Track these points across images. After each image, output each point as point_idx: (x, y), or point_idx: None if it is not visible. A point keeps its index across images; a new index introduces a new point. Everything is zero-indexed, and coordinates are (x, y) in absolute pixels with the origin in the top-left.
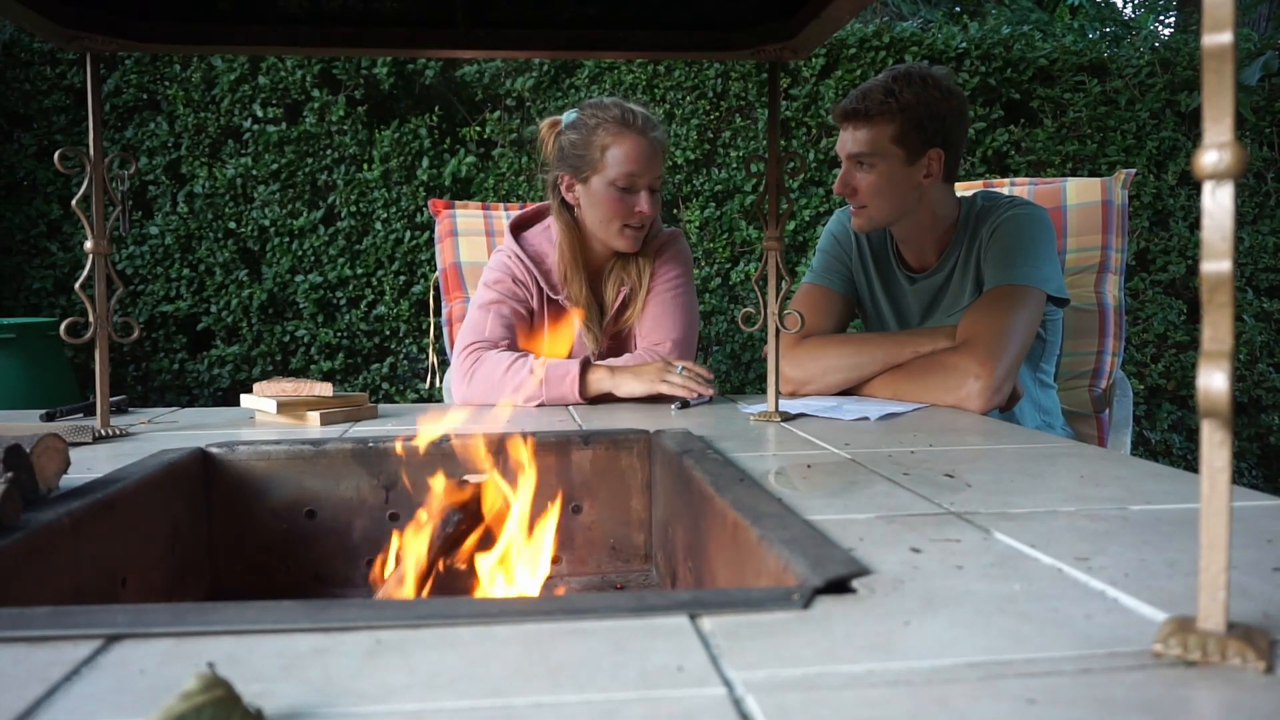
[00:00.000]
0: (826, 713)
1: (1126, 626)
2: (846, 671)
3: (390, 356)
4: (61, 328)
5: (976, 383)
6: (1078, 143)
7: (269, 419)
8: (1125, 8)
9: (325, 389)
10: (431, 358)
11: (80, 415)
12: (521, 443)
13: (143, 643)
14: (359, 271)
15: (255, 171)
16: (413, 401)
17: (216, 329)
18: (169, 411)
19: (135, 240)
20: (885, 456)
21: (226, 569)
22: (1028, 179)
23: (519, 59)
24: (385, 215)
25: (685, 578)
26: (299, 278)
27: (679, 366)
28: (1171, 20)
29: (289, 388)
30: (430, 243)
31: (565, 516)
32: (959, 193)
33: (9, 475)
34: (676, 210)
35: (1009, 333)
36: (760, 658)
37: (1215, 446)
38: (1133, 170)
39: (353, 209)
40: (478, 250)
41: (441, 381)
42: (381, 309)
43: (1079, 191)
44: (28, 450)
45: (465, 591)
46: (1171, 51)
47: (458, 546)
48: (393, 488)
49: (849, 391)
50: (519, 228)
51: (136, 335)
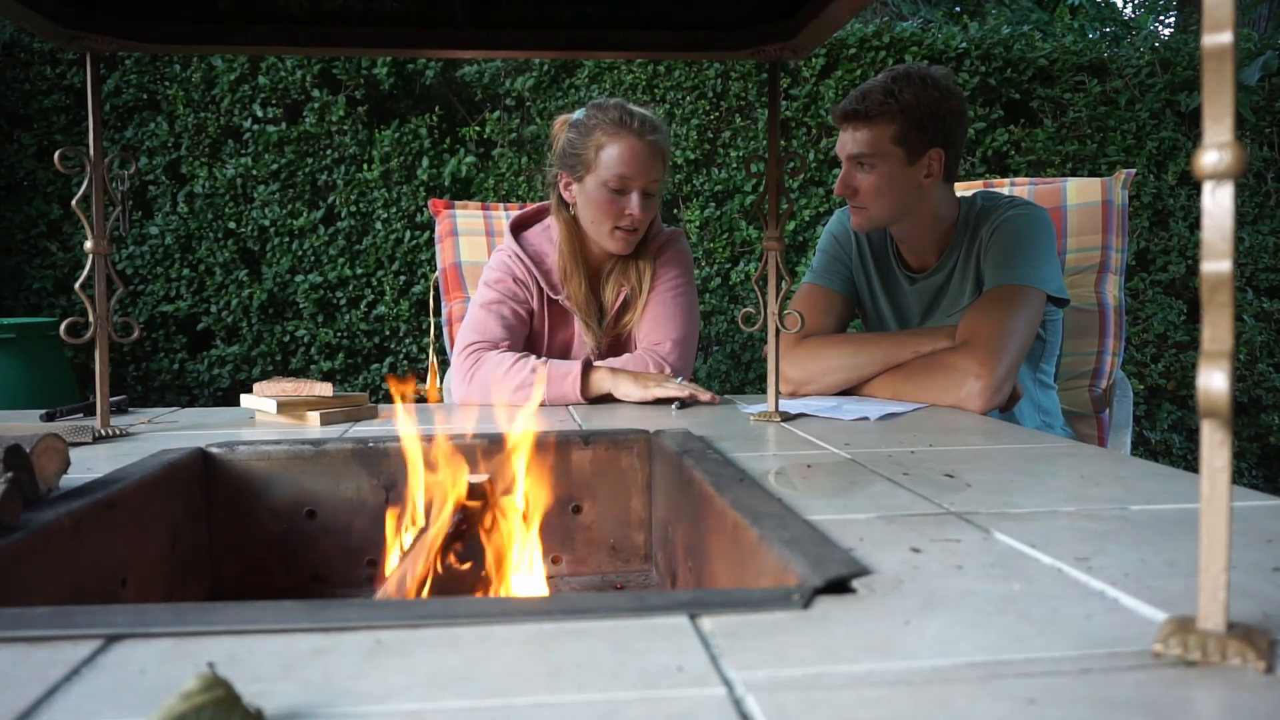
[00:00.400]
0: (826, 713)
1: (1126, 626)
2: (846, 671)
3: (390, 356)
4: (61, 328)
5: (976, 383)
6: (1078, 143)
7: (269, 419)
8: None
9: (325, 389)
10: (431, 358)
11: (80, 415)
12: (521, 442)
13: (143, 643)
14: (359, 271)
15: (255, 171)
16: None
17: (216, 329)
18: (169, 411)
19: (135, 240)
20: (885, 456)
21: (226, 569)
22: (1028, 179)
23: (519, 59)
24: (385, 215)
25: (685, 578)
26: (299, 278)
27: (679, 379)
28: (1171, 20)
29: (289, 388)
30: (430, 243)
31: (565, 516)
32: (959, 193)
33: (9, 475)
34: (676, 210)
35: (1009, 333)
36: (760, 658)
37: (1215, 446)
38: (1133, 170)
39: (353, 209)
40: (478, 250)
41: (442, 381)
42: (381, 309)
43: (1079, 191)
44: (28, 450)
45: (465, 591)
46: (1171, 51)
47: (458, 546)
48: (393, 488)
49: (849, 391)
50: (519, 228)
51: (136, 335)
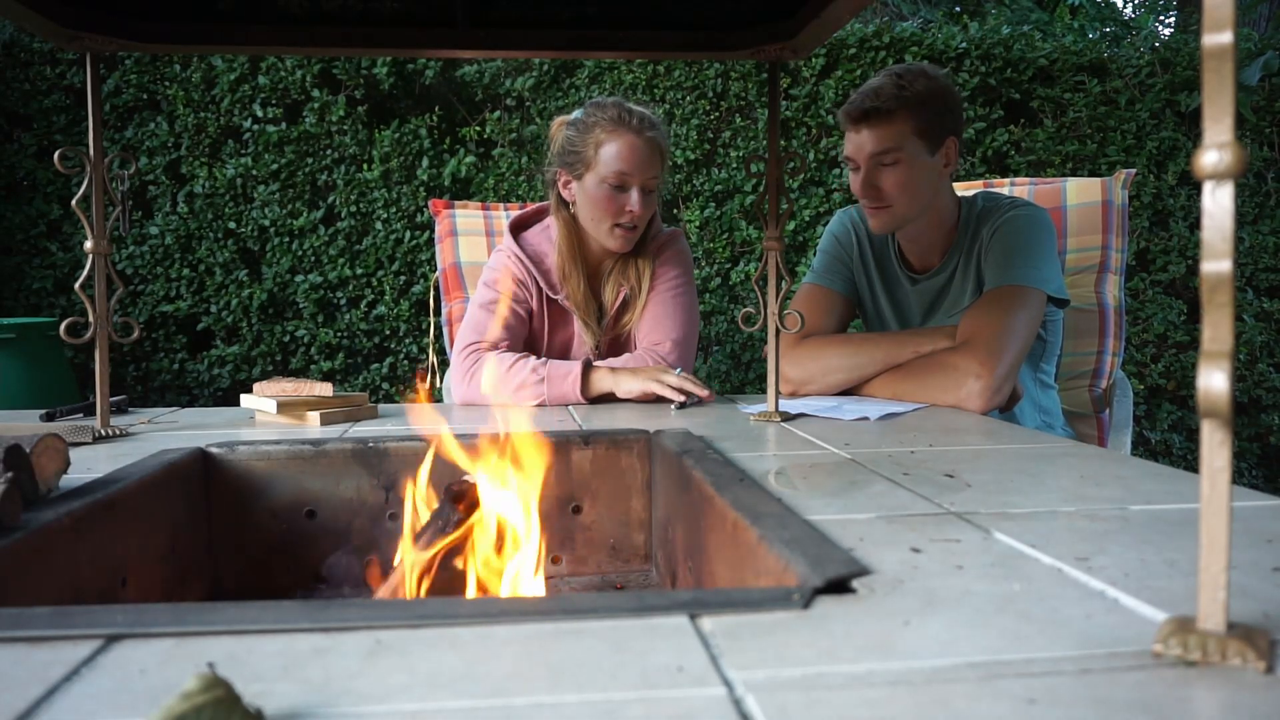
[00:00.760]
0: (826, 713)
1: (1126, 626)
2: (846, 671)
3: (390, 356)
4: (61, 328)
5: (977, 383)
6: (1078, 143)
7: (269, 419)
8: (1125, 8)
9: (325, 389)
10: (431, 358)
11: (80, 415)
12: (521, 442)
13: (143, 643)
14: (359, 271)
15: (255, 171)
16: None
17: (216, 329)
18: (169, 411)
19: (135, 240)
20: (885, 456)
21: (226, 569)
22: (1028, 179)
23: (519, 59)
24: (385, 215)
25: (685, 578)
26: (299, 278)
27: (677, 370)
28: (1171, 20)
29: (289, 388)
30: (430, 243)
31: (565, 516)
32: (959, 193)
33: (9, 475)
34: (676, 210)
35: (1009, 333)
36: (760, 658)
37: (1215, 446)
38: (1133, 170)
39: (353, 209)
40: (478, 250)
41: (441, 381)
42: (381, 309)
43: (1079, 191)
44: (28, 450)
45: (464, 591)
46: (1171, 51)
47: (457, 546)
48: (392, 488)
49: (849, 391)
50: (518, 228)
51: (136, 335)
